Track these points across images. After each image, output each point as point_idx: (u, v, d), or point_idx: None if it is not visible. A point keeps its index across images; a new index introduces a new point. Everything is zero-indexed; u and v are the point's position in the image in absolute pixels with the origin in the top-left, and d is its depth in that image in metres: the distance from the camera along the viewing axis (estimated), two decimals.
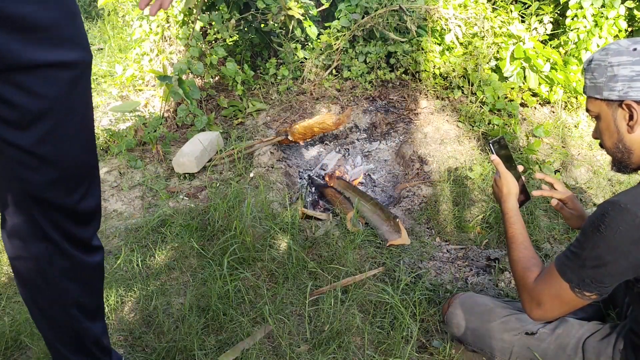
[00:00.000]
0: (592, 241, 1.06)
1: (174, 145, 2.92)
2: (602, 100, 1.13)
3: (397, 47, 3.25)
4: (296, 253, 1.93)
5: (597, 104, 1.15)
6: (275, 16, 3.30)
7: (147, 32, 3.37)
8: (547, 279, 1.17)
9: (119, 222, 2.31)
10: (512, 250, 1.31)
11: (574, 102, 3.19)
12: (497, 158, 1.42)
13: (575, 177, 2.66)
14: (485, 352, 1.47)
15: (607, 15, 3.14)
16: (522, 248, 1.29)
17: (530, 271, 1.22)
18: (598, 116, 1.17)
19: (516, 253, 1.29)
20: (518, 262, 1.27)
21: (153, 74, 3.40)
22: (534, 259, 1.26)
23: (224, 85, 3.47)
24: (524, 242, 1.30)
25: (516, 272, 1.26)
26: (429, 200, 2.40)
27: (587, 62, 1.16)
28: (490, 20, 3.17)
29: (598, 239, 1.05)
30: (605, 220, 1.04)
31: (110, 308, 1.74)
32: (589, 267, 1.08)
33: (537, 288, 1.18)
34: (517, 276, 1.26)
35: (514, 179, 1.41)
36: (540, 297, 1.17)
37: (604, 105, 1.13)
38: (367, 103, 3.22)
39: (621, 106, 1.10)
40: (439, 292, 1.82)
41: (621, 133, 1.13)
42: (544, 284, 1.17)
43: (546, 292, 1.16)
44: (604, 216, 1.04)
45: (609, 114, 1.13)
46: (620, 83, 1.08)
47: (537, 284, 1.19)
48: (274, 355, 1.55)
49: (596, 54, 1.14)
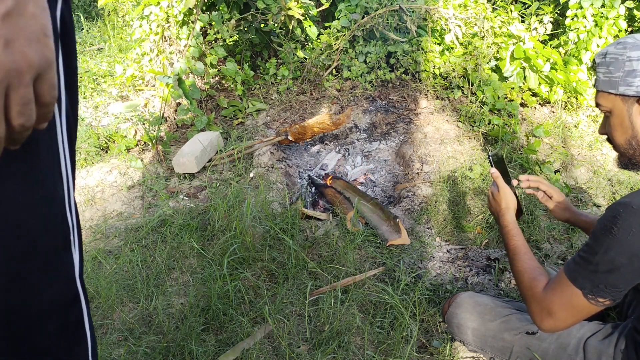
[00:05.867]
0: (605, 244, 1.03)
1: (174, 145, 2.92)
2: (617, 95, 1.09)
3: (397, 47, 3.25)
4: (296, 253, 1.93)
5: (610, 99, 1.11)
6: (275, 16, 3.30)
7: (147, 32, 3.37)
8: (557, 287, 1.12)
9: (119, 222, 2.30)
10: (516, 262, 1.27)
11: (574, 102, 3.19)
12: (496, 171, 1.42)
13: (575, 177, 2.66)
14: (486, 352, 1.47)
15: (607, 15, 3.14)
16: (527, 259, 1.26)
17: (538, 280, 1.18)
18: (610, 111, 1.13)
19: (520, 264, 1.26)
20: (524, 273, 1.23)
21: (153, 74, 3.40)
22: (539, 268, 1.23)
23: (224, 85, 3.47)
24: (528, 253, 1.27)
25: (523, 283, 1.22)
26: (429, 200, 2.40)
27: (602, 56, 1.12)
28: (490, 20, 3.17)
29: (610, 241, 1.02)
30: (618, 222, 1.00)
31: (110, 308, 1.74)
32: (602, 272, 1.04)
33: (547, 297, 1.13)
34: (524, 287, 1.22)
35: (512, 193, 1.41)
36: (551, 306, 1.13)
37: (619, 100, 1.10)
38: (367, 103, 3.22)
39: (638, 102, 1.07)
40: (439, 292, 1.82)
41: (636, 129, 1.09)
42: (554, 292, 1.12)
43: (557, 300, 1.11)
44: (615, 218, 1.01)
45: (624, 109, 1.09)
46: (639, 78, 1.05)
47: (547, 293, 1.14)
48: (274, 355, 1.55)
49: (611, 47, 1.10)
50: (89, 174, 2.67)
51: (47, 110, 0.51)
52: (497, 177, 1.41)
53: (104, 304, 1.76)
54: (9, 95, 0.46)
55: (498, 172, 1.42)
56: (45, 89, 0.49)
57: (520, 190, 2.37)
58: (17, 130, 0.48)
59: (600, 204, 2.43)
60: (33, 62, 0.46)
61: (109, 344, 1.60)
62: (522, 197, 2.35)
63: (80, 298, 0.73)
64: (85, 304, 0.75)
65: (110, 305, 1.75)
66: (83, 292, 0.74)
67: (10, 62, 0.45)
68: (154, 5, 3.26)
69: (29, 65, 0.46)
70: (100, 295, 1.78)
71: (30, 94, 0.47)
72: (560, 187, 2.44)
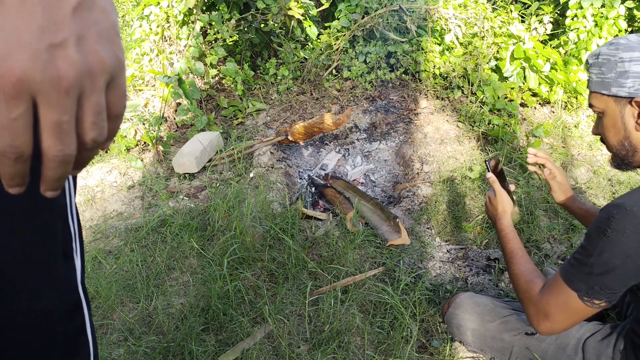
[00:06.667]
0: (599, 246, 1.03)
1: (174, 145, 2.92)
2: (610, 96, 1.09)
3: (397, 47, 3.25)
4: (296, 253, 1.93)
5: (603, 100, 1.11)
6: (275, 16, 3.30)
7: (147, 32, 3.37)
8: (553, 290, 1.12)
9: (119, 222, 2.30)
10: (512, 265, 1.28)
11: (574, 102, 3.19)
12: (492, 176, 1.42)
13: (575, 177, 2.66)
14: (485, 352, 1.47)
15: (607, 15, 3.14)
16: (524, 262, 1.26)
17: (534, 283, 1.18)
18: (603, 112, 1.13)
19: (517, 267, 1.26)
20: (520, 276, 1.23)
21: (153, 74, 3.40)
22: (535, 271, 1.23)
23: (224, 85, 3.47)
24: (524, 257, 1.27)
25: (519, 286, 1.22)
26: (429, 200, 2.40)
27: (594, 56, 1.12)
28: (490, 20, 3.17)
29: (604, 243, 1.02)
30: (612, 224, 1.00)
31: (110, 308, 1.74)
32: (596, 274, 1.04)
33: (544, 299, 1.14)
34: (520, 289, 1.22)
35: (508, 197, 1.41)
36: (547, 308, 1.13)
37: (611, 101, 1.10)
38: (367, 103, 3.22)
39: (631, 103, 1.07)
40: (439, 292, 1.82)
41: (628, 130, 1.09)
42: (550, 294, 1.12)
43: (553, 303, 1.11)
44: (609, 220, 1.01)
45: (616, 110, 1.09)
46: (632, 79, 1.04)
47: (543, 296, 1.14)
48: (274, 355, 1.55)
49: (603, 48, 1.10)
50: (89, 174, 2.67)
51: (116, 124, 0.42)
52: (493, 182, 1.42)
53: (104, 304, 1.76)
54: (81, 104, 0.38)
55: (495, 177, 1.43)
56: (117, 96, 0.41)
57: (518, 193, 2.37)
58: (89, 147, 0.40)
59: (600, 204, 2.43)
60: (106, 63, 0.38)
61: (109, 344, 1.60)
62: (520, 199, 2.35)
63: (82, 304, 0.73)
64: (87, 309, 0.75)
65: (110, 305, 1.75)
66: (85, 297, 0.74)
67: (84, 62, 0.37)
68: (154, 5, 3.26)
69: (102, 66, 0.38)
70: (100, 295, 1.79)
71: (103, 102, 0.39)
72: None
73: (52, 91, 0.36)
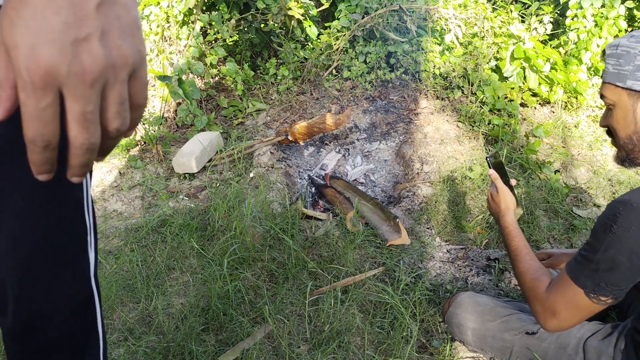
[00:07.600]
0: (605, 243, 1.03)
1: (174, 145, 2.92)
2: (624, 89, 1.08)
3: (397, 47, 3.25)
4: (296, 253, 1.93)
5: (616, 92, 1.09)
6: (275, 16, 3.30)
7: (147, 32, 3.37)
8: (559, 287, 1.12)
9: (119, 222, 2.30)
10: (518, 263, 1.27)
11: (574, 102, 3.19)
12: (494, 173, 1.41)
13: (575, 177, 2.66)
14: (486, 352, 1.47)
15: (607, 16, 3.14)
16: (529, 259, 1.25)
17: (540, 281, 1.18)
18: (614, 104, 1.11)
19: (523, 265, 1.25)
20: (526, 274, 1.23)
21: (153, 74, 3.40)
22: (541, 269, 1.22)
23: (224, 85, 3.47)
24: (529, 254, 1.27)
25: (525, 284, 1.22)
26: (429, 200, 2.40)
27: (613, 47, 1.10)
28: (490, 20, 3.17)
29: (610, 240, 1.02)
30: (618, 220, 1.00)
31: (110, 308, 1.74)
32: (602, 271, 1.04)
33: (550, 297, 1.13)
34: (526, 287, 1.22)
35: (510, 194, 1.40)
36: (554, 306, 1.13)
37: (625, 94, 1.08)
38: (367, 103, 3.22)
39: None
40: (439, 292, 1.82)
41: (638, 125, 1.08)
42: (556, 292, 1.12)
43: (560, 300, 1.11)
44: (615, 216, 1.01)
45: (629, 104, 1.08)
46: None
47: (550, 293, 1.14)
48: (274, 355, 1.55)
49: (623, 39, 1.08)
50: None
51: (139, 113, 0.45)
52: (495, 179, 1.41)
53: (104, 304, 1.76)
54: (105, 95, 0.40)
55: (496, 174, 1.42)
56: (139, 88, 0.43)
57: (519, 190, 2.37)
58: (112, 136, 0.42)
59: (600, 204, 2.43)
60: (128, 57, 0.40)
61: (109, 344, 1.60)
62: (521, 197, 2.35)
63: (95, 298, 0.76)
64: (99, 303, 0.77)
65: (110, 305, 1.75)
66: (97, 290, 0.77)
67: (107, 56, 0.39)
68: (154, 5, 3.26)
69: (125, 60, 0.40)
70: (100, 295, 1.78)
71: (126, 92, 0.42)
72: (560, 187, 2.44)
73: (78, 84, 0.38)
